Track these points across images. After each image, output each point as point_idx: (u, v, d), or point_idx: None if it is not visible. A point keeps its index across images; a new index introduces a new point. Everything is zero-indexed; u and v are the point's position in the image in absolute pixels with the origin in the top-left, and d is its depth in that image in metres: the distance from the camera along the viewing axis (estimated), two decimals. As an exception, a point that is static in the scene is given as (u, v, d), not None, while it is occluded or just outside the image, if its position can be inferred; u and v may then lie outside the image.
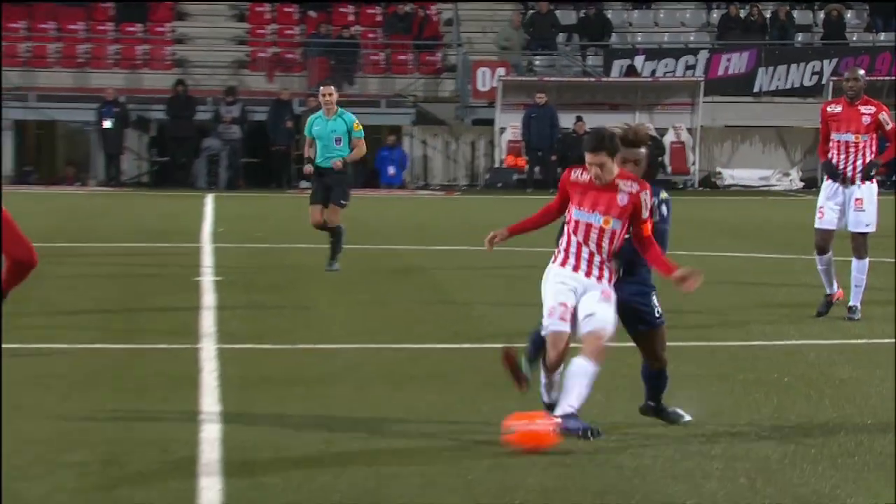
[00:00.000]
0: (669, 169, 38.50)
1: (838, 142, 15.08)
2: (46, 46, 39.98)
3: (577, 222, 9.16)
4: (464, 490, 8.26)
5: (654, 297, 9.52)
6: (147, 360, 12.51)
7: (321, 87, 18.96)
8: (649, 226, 9.18)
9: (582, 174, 9.20)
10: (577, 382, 8.96)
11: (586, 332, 9.05)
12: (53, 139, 40.31)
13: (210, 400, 10.55)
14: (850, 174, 15.06)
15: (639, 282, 9.43)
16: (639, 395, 10.01)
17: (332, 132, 18.56)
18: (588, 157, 9.11)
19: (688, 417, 9.74)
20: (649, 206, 9.15)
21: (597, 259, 9.14)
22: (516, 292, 8.87)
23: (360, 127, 18.84)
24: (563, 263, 9.19)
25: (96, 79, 38.96)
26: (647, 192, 9.14)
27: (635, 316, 9.47)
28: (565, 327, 9.09)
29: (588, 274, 9.13)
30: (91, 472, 8.53)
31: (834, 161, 15.13)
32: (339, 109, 18.69)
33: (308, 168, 18.95)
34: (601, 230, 9.11)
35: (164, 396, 10.75)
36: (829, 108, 15.29)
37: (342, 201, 18.59)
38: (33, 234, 23.49)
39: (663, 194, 9.49)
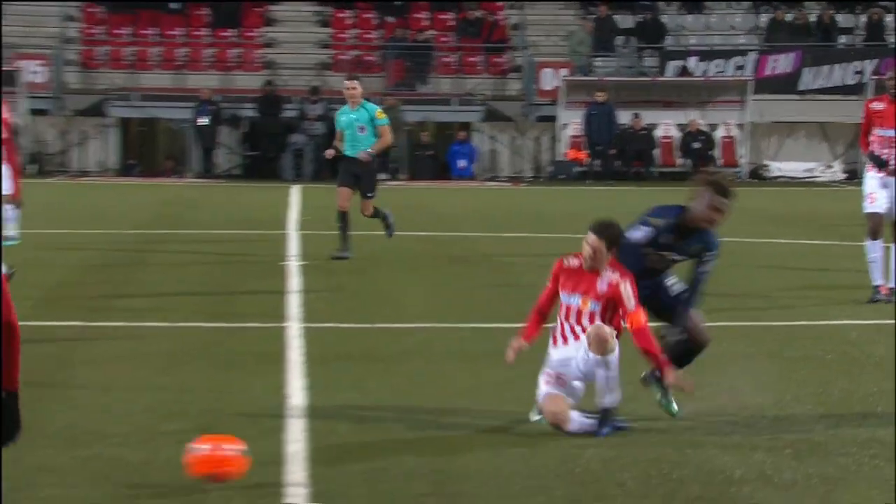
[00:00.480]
0: (721, 162, 38.26)
1: (881, 137, 14.87)
2: (148, 50, 40.23)
3: (561, 304, 8.91)
4: (527, 458, 8.23)
5: (672, 278, 9.30)
6: (238, 337, 12.54)
7: (345, 82, 18.94)
8: (640, 317, 8.73)
9: (573, 260, 8.94)
10: (603, 378, 8.69)
11: (589, 339, 8.71)
12: (154, 135, 40.56)
13: (296, 375, 10.57)
14: (892, 165, 14.87)
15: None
16: (692, 374, 9.92)
17: (355, 121, 18.45)
18: (589, 236, 8.82)
19: (677, 408, 9.23)
20: (632, 297, 8.75)
21: (583, 335, 8.80)
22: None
23: (384, 115, 18.68)
24: (555, 344, 8.91)
25: (193, 80, 39.16)
26: (628, 282, 8.78)
27: (662, 307, 9.20)
28: (556, 390, 8.80)
29: (577, 338, 8.80)
30: (187, 441, 8.56)
31: (877, 153, 14.94)
32: (363, 101, 18.60)
33: (329, 152, 18.97)
34: (579, 311, 8.81)
35: (253, 371, 10.78)
36: (872, 105, 15.09)
37: (369, 194, 18.42)
38: (136, 222, 23.77)
39: (716, 251, 9.19)
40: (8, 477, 7.59)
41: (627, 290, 8.78)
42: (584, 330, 8.82)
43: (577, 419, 8.75)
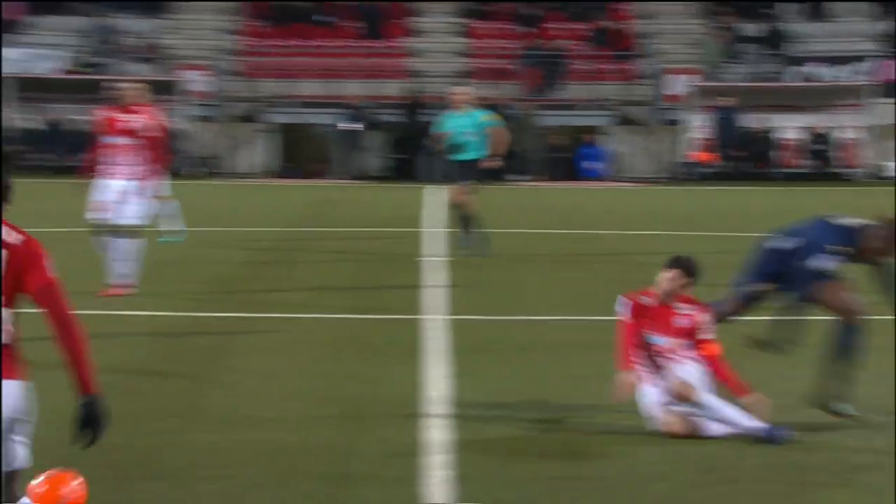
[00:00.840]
0: (846, 161, 37.77)
1: None
2: (301, 60, 40.66)
3: (647, 344, 8.61)
4: (660, 445, 8.16)
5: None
6: (382, 329, 12.60)
7: (452, 89, 18.82)
8: (713, 346, 8.54)
9: (645, 298, 8.69)
10: (711, 415, 8.38)
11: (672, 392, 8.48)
12: (306, 139, 40.97)
13: (438, 363, 10.59)
14: None
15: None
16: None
17: (461, 126, 18.30)
18: (669, 272, 8.64)
19: (851, 409, 8.83)
20: (709, 329, 8.57)
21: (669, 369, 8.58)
22: (706, 273, 8.89)
23: (492, 117, 18.44)
24: (650, 383, 8.53)
25: (342, 87, 39.53)
26: (706, 315, 8.61)
27: (804, 281, 8.95)
28: (672, 410, 8.45)
29: (666, 369, 8.52)
30: (338, 425, 8.62)
31: None
32: (470, 108, 18.41)
33: (436, 134, 18.73)
34: (667, 349, 8.57)
35: (399, 360, 10.82)
36: None
37: (466, 181, 18.08)
38: (289, 221, 24.04)
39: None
40: (172, 459, 7.71)
41: (706, 322, 8.62)
42: (672, 361, 8.55)
43: (708, 425, 8.40)
